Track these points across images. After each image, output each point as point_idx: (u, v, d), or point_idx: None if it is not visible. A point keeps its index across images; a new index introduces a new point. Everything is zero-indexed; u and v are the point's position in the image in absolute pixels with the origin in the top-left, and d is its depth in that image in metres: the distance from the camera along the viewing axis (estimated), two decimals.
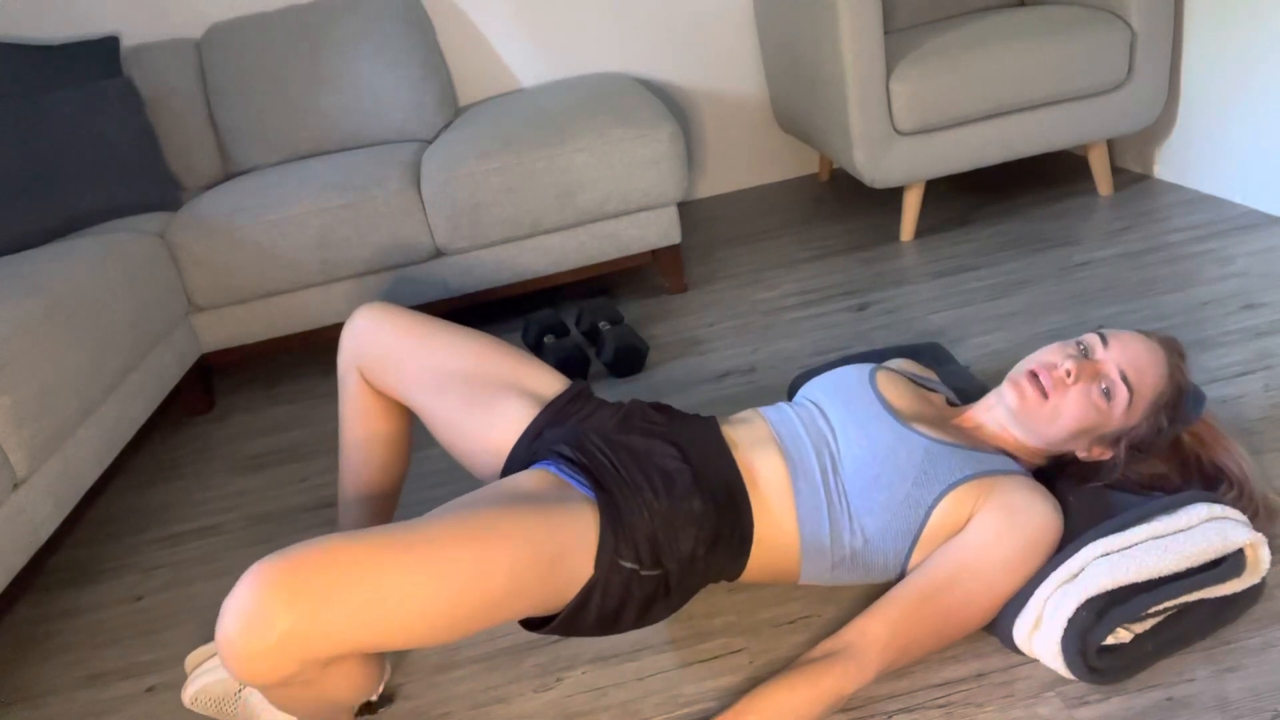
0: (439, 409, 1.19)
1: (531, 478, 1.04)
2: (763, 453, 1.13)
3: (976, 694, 1.02)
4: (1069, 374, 1.08)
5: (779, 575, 1.13)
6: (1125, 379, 1.08)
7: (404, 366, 1.22)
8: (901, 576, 1.10)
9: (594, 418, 1.18)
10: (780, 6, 2.44)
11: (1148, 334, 1.13)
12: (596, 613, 0.99)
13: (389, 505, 1.32)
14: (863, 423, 1.14)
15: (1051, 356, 1.11)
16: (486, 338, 1.24)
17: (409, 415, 1.32)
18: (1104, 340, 1.11)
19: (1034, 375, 1.10)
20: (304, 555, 0.82)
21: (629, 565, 0.99)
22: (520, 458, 1.16)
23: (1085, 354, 1.11)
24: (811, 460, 1.12)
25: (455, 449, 1.21)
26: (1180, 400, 1.11)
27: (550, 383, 1.22)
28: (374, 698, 1.16)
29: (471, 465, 1.21)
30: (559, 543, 0.95)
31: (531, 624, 1.04)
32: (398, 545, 0.86)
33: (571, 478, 1.05)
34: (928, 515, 1.06)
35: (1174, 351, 1.12)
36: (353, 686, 0.96)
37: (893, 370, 1.27)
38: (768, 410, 1.21)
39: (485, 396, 1.18)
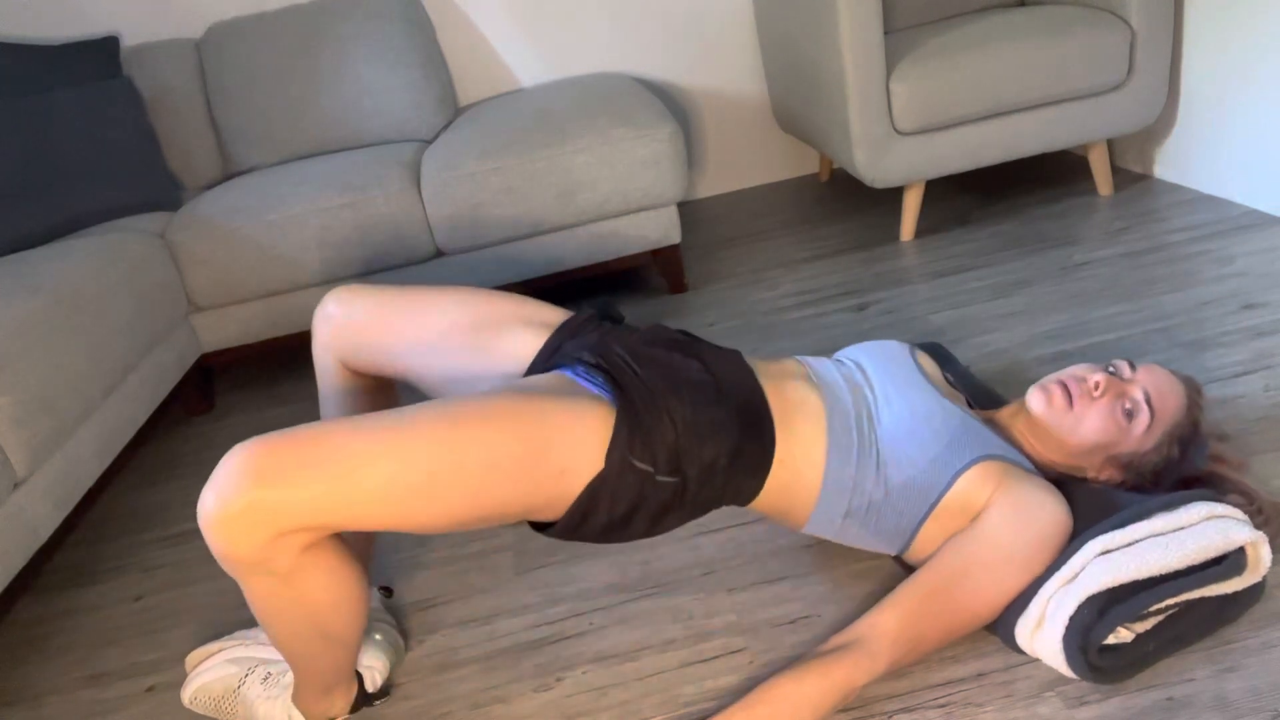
0: (440, 365, 1.17)
1: (543, 378, 1.04)
2: (796, 385, 1.14)
3: (976, 694, 1.02)
4: (1097, 386, 1.13)
5: (789, 511, 1.12)
6: (1149, 401, 1.12)
7: (389, 341, 1.20)
8: (904, 550, 1.11)
9: (615, 332, 1.17)
10: (780, 6, 2.44)
11: (1173, 371, 1.18)
12: (606, 516, 0.99)
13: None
14: (902, 387, 1.16)
15: (1081, 371, 1.16)
16: (471, 288, 1.22)
17: (395, 384, 1.34)
18: (1133, 365, 1.16)
19: (1062, 384, 1.15)
20: (274, 436, 0.87)
21: (643, 466, 0.98)
22: (539, 370, 1.15)
23: (1114, 374, 1.15)
24: (849, 404, 1.13)
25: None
26: (1194, 436, 1.15)
27: (557, 312, 1.21)
28: (372, 689, 1.16)
29: None
30: (554, 430, 0.95)
31: (540, 525, 1.04)
32: (368, 421, 0.90)
33: (589, 382, 1.04)
34: (951, 483, 1.06)
35: (1194, 390, 1.17)
36: (330, 590, 0.95)
37: (926, 356, 1.31)
38: (807, 358, 1.23)
39: (489, 337, 1.17)
